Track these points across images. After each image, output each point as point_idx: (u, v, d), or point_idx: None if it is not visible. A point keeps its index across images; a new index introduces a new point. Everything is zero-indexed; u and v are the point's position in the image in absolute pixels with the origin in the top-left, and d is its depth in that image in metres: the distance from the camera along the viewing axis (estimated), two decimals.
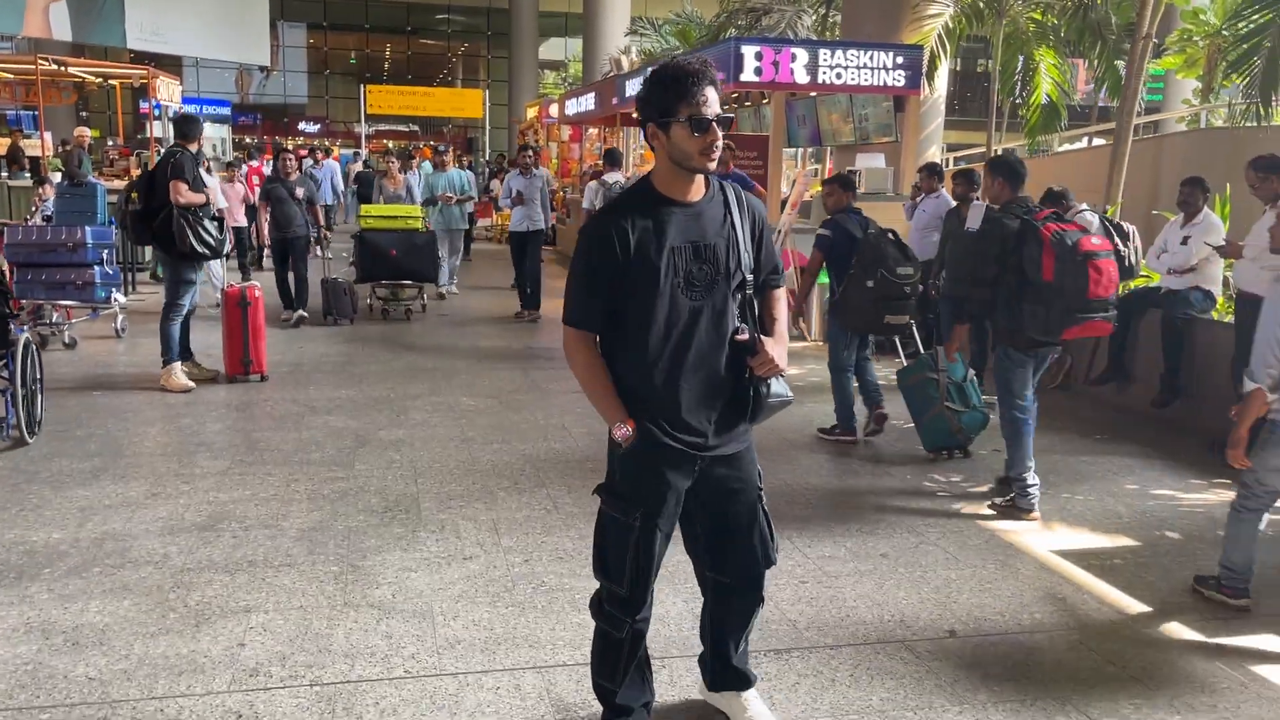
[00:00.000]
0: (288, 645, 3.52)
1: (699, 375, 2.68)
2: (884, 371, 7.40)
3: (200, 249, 7.10)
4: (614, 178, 9.94)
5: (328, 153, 21.21)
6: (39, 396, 6.03)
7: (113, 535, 4.49)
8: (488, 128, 30.19)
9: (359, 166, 22.39)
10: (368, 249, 10.45)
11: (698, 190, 2.67)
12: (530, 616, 3.80)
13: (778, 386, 2.76)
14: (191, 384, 7.24)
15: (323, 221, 10.72)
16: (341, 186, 17.37)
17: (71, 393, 7.02)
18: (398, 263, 10.41)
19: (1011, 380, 5.18)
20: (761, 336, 2.74)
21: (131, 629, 3.62)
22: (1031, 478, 5.12)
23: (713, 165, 2.60)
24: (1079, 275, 4.72)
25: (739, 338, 2.71)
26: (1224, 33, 14.05)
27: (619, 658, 2.85)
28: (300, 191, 10.07)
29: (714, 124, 2.54)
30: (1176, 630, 3.87)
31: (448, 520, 4.79)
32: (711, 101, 2.54)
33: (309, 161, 17.90)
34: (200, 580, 4.05)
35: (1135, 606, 4.08)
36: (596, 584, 4.10)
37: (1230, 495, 5.50)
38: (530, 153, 11.62)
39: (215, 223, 7.29)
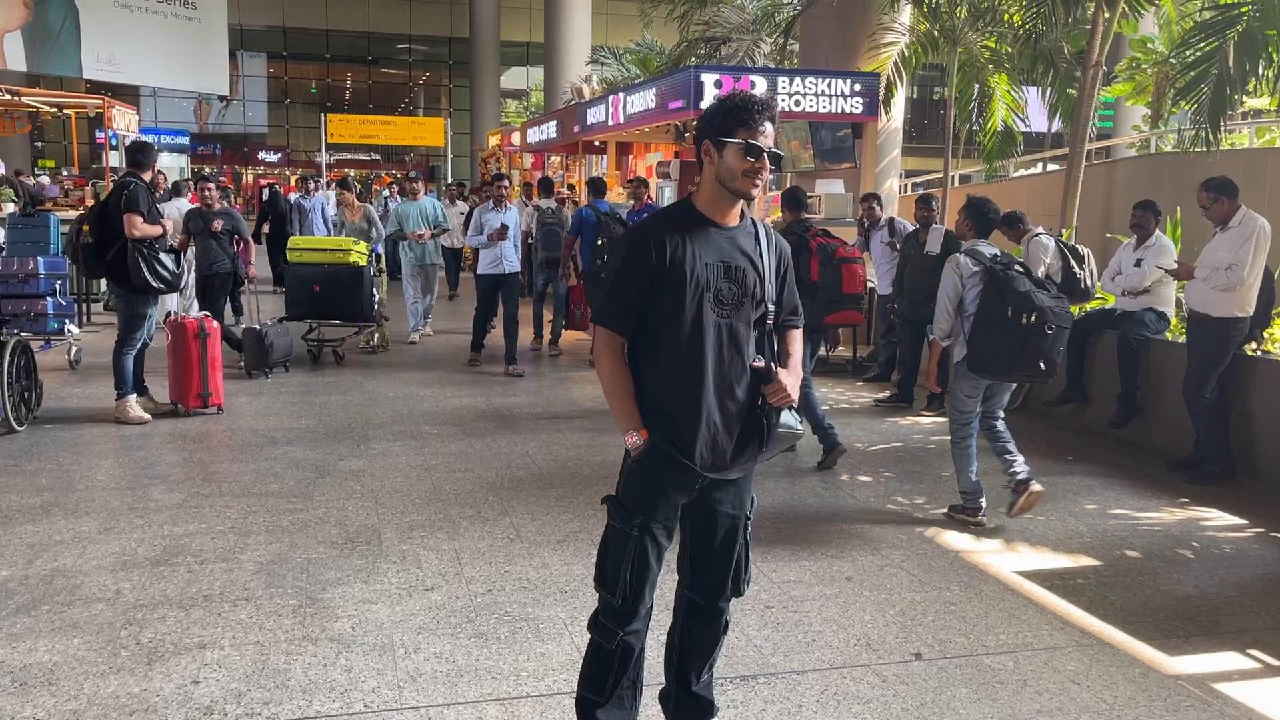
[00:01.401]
0: (244, 682, 3.44)
1: (719, 394, 2.75)
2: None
3: (155, 283, 6.95)
4: (545, 203, 10.11)
5: (318, 183, 20.16)
6: (33, 393, 6.99)
7: (63, 572, 4.38)
8: (449, 156, 30.13)
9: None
10: (292, 284, 9.61)
11: (735, 217, 2.81)
12: (493, 648, 3.75)
13: (788, 418, 2.83)
14: (147, 416, 7.11)
15: (252, 258, 9.75)
16: (334, 218, 16.57)
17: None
18: (320, 299, 9.40)
19: None
20: (777, 367, 2.81)
21: (81, 668, 3.51)
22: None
23: (754, 192, 2.75)
24: (836, 275, 6.15)
25: (755, 365, 2.79)
26: (1171, 61, 14.38)
27: (608, 670, 2.86)
28: (219, 224, 9.08)
29: (765, 154, 2.69)
30: (1140, 649, 3.89)
31: (409, 551, 4.72)
32: (767, 134, 2.71)
33: (287, 191, 17.52)
34: (153, 617, 3.95)
35: (1098, 626, 4.09)
36: (560, 613, 4.07)
37: (1187, 514, 5.59)
38: (505, 183, 9.94)
39: (171, 255, 7.14)
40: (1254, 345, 6.55)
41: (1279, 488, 6.03)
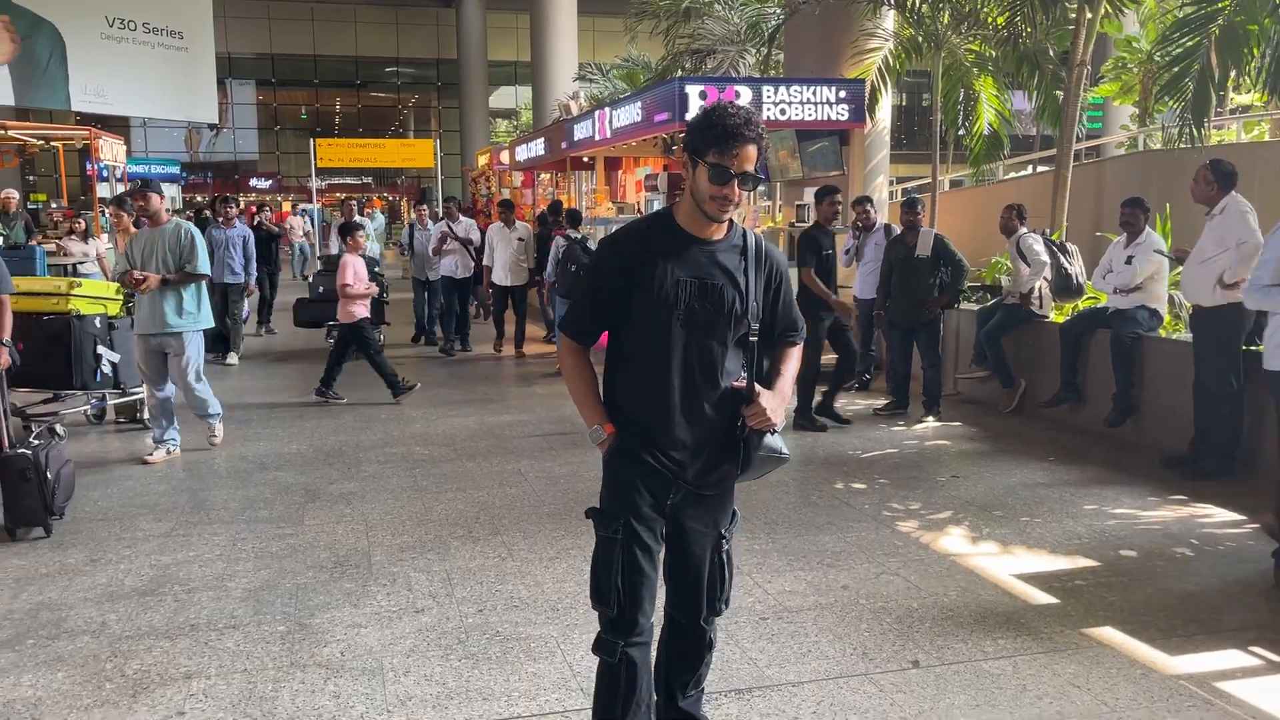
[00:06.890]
0: (229, 711, 3.38)
1: (685, 415, 2.65)
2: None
3: None
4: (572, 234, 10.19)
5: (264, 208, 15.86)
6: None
7: (48, 605, 4.31)
8: (440, 177, 30.16)
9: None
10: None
11: (718, 230, 2.67)
12: (484, 669, 3.69)
13: (772, 441, 2.68)
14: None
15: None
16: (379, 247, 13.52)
17: None
18: (24, 360, 6.34)
19: None
20: (760, 389, 2.67)
21: (66, 702, 3.45)
22: None
23: (723, 215, 2.59)
24: None
25: (735, 384, 2.68)
26: (1155, 58, 14.40)
27: (617, 687, 2.75)
28: None
29: (734, 179, 2.52)
30: (1140, 650, 3.83)
31: (399, 573, 4.67)
32: (741, 157, 2.52)
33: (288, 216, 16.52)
34: (139, 648, 3.89)
35: (1098, 628, 4.04)
36: (552, 631, 4.00)
37: (1185, 511, 5.54)
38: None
39: None
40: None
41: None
